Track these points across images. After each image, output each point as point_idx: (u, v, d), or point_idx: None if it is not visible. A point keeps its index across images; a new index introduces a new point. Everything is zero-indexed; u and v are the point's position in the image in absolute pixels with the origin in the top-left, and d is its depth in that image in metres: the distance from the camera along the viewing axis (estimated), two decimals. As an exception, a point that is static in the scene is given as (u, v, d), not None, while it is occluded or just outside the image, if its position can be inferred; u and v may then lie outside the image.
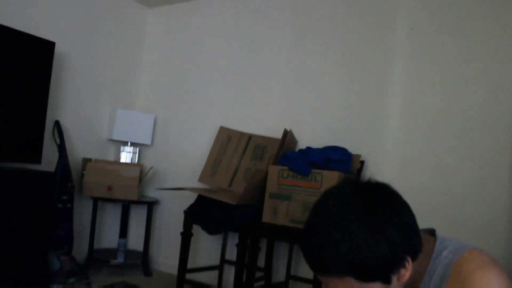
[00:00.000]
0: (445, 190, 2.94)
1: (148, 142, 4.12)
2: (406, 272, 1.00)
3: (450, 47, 2.99)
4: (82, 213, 3.88)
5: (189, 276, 3.30)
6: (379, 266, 0.95)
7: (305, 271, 3.31)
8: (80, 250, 3.80)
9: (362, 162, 3.16)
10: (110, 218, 4.16)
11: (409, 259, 0.99)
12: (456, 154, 2.93)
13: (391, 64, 3.18)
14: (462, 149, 2.91)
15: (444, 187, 2.94)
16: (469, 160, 2.88)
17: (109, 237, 4.17)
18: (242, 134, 3.61)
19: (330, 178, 2.74)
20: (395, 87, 3.16)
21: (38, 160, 3.27)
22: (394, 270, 0.98)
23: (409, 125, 3.10)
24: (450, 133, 2.96)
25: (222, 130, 3.71)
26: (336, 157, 2.92)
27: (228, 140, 3.62)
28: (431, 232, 1.14)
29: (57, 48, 3.34)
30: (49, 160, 3.49)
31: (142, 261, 3.88)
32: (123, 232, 4.05)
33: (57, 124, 3.61)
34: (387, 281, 0.98)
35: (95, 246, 3.88)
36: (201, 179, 3.60)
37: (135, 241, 4.17)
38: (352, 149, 3.10)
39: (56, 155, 3.56)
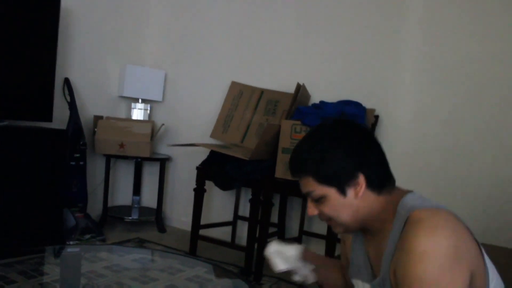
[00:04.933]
0: (460, 145, 2.88)
1: (159, 98, 4.08)
2: (359, 189, 1.18)
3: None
4: (95, 170, 3.89)
5: (202, 232, 3.32)
6: (332, 173, 1.18)
7: (318, 226, 3.30)
8: (95, 208, 3.82)
9: (377, 117, 3.10)
10: (123, 176, 4.17)
11: (362, 178, 1.17)
12: (472, 109, 2.86)
13: (406, 17, 3.08)
14: (479, 103, 2.84)
15: (459, 143, 2.89)
16: (486, 115, 2.82)
17: (123, 195, 4.19)
18: (254, 89, 3.55)
19: (344, 133, 2.69)
20: (409, 40, 3.07)
21: (49, 118, 3.25)
22: (347, 182, 1.18)
23: (424, 80, 3.03)
24: (467, 87, 2.88)
25: (234, 85, 3.64)
26: (350, 111, 2.86)
27: (240, 95, 3.57)
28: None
29: (63, 3, 3.26)
30: (60, 118, 3.46)
31: (156, 217, 3.90)
32: (137, 189, 4.06)
33: (66, 81, 3.57)
34: (342, 191, 1.18)
35: (110, 204, 3.90)
36: (213, 135, 3.57)
37: (149, 198, 4.18)
38: (367, 104, 3.03)
39: (67, 113, 3.53)
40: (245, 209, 3.58)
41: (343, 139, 1.20)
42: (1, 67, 2.98)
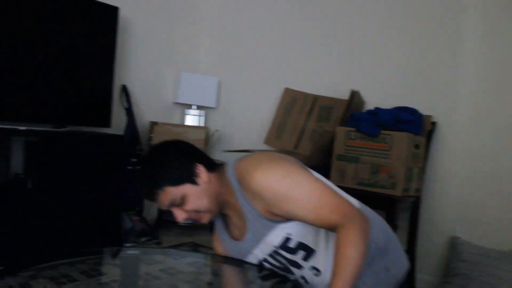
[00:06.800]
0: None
1: (213, 105, 4.13)
2: (202, 175, 1.49)
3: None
4: (151, 175, 3.96)
5: (255, 237, 3.33)
6: (180, 173, 1.47)
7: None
8: (150, 211, 3.90)
9: (434, 123, 3.04)
10: (178, 180, 4.22)
11: (200, 166, 1.49)
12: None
13: (465, 20, 3.01)
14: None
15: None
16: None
17: (177, 199, 4.24)
18: (307, 95, 3.55)
19: (399, 140, 2.65)
20: (469, 43, 3.00)
21: (107, 124, 3.35)
22: (193, 173, 1.48)
23: (483, 85, 2.95)
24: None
25: (287, 91, 3.65)
26: (406, 118, 2.81)
27: (293, 102, 3.57)
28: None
29: (121, 13, 3.36)
30: (118, 124, 3.56)
31: (210, 222, 3.93)
32: (191, 193, 4.10)
33: (124, 88, 3.67)
34: (194, 182, 1.47)
35: (164, 207, 3.96)
36: (267, 141, 3.59)
37: (202, 202, 4.22)
38: (424, 110, 2.97)
39: (125, 119, 3.63)
40: (297, 216, 3.57)
41: (169, 149, 1.53)
42: (63, 75, 3.09)
